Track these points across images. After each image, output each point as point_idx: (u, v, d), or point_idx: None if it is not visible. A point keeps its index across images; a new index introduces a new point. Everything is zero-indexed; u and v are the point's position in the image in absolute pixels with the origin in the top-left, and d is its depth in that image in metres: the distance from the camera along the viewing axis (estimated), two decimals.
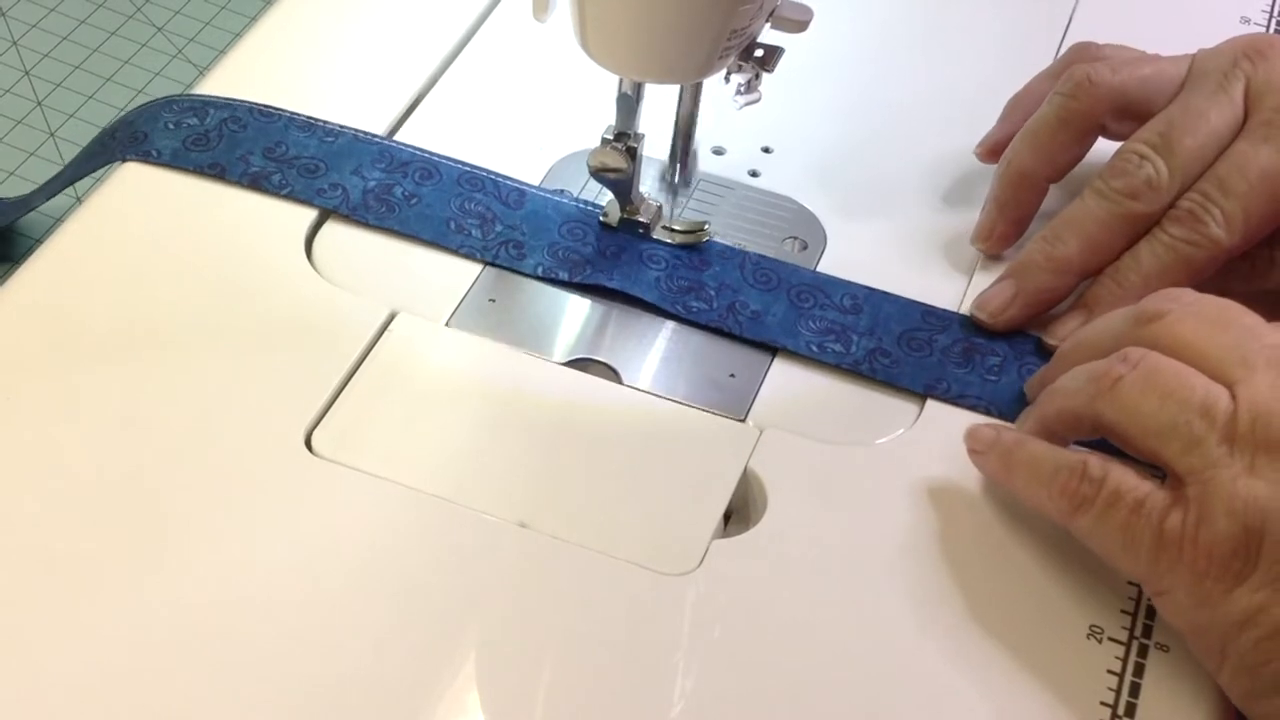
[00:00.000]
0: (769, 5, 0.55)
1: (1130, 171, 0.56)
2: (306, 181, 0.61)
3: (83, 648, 0.47)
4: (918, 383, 0.57)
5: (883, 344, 0.57)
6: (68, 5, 0.82)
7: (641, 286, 0.59)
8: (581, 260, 0.59)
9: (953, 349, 0.57)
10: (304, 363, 0.55)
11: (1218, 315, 0.49)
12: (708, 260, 0.60)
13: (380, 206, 0.60)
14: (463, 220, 0.60)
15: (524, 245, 0.60)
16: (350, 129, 0.63)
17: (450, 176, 0.62)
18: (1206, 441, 0.46)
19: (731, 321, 0.58)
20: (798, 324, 0.58)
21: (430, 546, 0.51)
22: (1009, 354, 0.57)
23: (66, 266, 0.58)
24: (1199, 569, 0.45)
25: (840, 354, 0.57)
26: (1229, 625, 0.45)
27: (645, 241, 0.60)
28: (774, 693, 0.48)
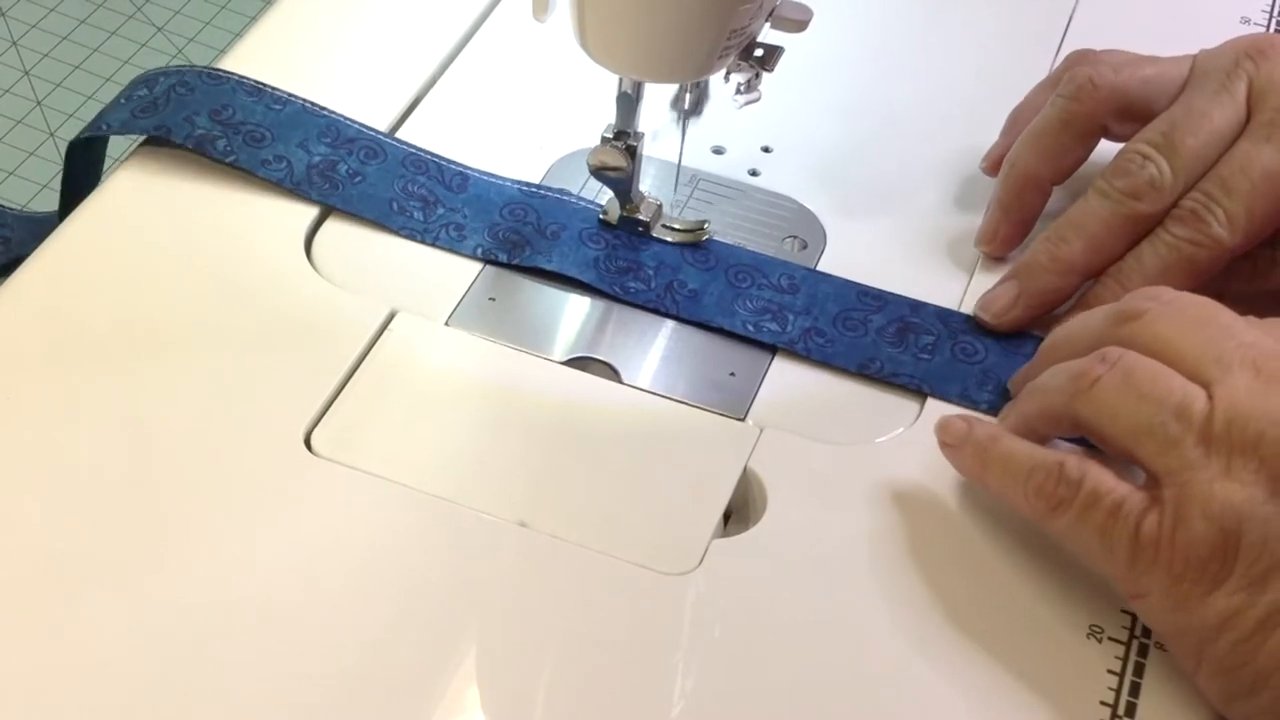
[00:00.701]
0: (769, 5, 0.55)
1: (1133, 172, 0.56)
2: (252, 151, 0.60)
3: (83, 647, 0.47)
4: (851, 362, 0.57)
5: (818, 324, 0.58)
6: (68, 5, 0.82)
7: (579, 267, 0.59)
8: (520, 241, 0.60)
9: (887, 329, 0.58)
10: (304, 362, 0.55)
11: (1196, 314, 0.49)
12: (647, 240, 0.60)
13: (324, 183, 0.60)
14: (405, 202, 0.60)
15: (464, 227, 0.60)
16: (299, 98, 0.63)
17: (395, 157, 0.62)
18: (1183, 443, 0.46)
19: (669, 301, 0.58)
20: (735, 303, 0.58)
21: (430, 546, 0.51)
22: (942, 333, 0.58)
23: (66, 266, 0.58)
24: (1176, 571, 0.45)
25: (776, 333, 0.58)
26: (1206, 628, 0.45)
27: (585, 223, 0.61)
28: (774, 692, 0.48)
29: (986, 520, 0.52)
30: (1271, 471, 0.44)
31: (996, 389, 0.56)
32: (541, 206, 0.61)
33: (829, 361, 0.57)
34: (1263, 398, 0.45)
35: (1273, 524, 0.44)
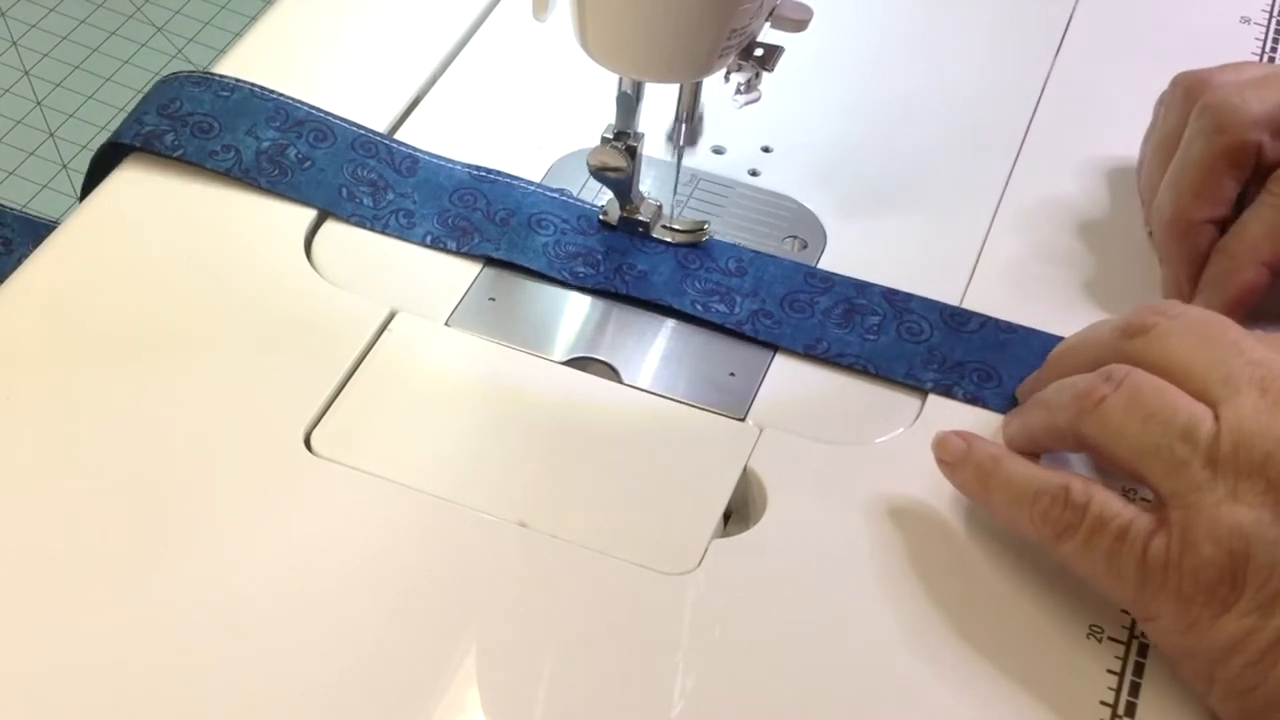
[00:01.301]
0: (769, 4, 0.55)
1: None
2: (199, 143, 0.60)
3: (83, 647, 0.47)
4: (798, 343, 0.57)
5: (766, 305, 0.58)
6: (68, 5, 0.82)
7: (528, 255, 0.59)
8: (470, 228, 0.60)
9: (834, 310, 0.58)
10: (304, 362, 0.55)
11: (1204, 330, 0.48)
12: (596, 225, 0.61)
13: (273, 169, 0.60)
14: (355, 188, 0.60)
15: (414, 214, 0.60)
16: (247, 84, 0.62)
17: (345, 139, 0.62)
18: (1190, 465, 0.45)
19: (618, 282, 0.59)
20: (684, 284, 0.59)
21: (430, 546, 0.51)
22: (888, 313, 0.58)
23: (67, 266, 0.58)
24: (1185, 595, 0.45)
25: (724, 314, 0.58)
26: (1216, 651, 0.45)
27: (534, 208, 0.61)
28: (773, 692, 0.48)
29: (986, 520, 0.52)
30: (1279, 494, 0.44)
31: (942, 367, 0.57)
32: (491, 192, 0.61)
33: (777, 343, 0.58)
34: (1269, 419, 0.45)
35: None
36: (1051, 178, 0.65)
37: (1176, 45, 0.71)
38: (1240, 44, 0.71)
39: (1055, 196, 0.64)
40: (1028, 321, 0.58)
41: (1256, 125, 0.56)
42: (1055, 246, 0.62)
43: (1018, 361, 0.57)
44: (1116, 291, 0.61)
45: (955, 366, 0.57)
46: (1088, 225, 0.63)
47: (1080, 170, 0.65)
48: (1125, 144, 0.64)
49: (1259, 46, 0.71)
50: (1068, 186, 0.65)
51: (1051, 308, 0.60)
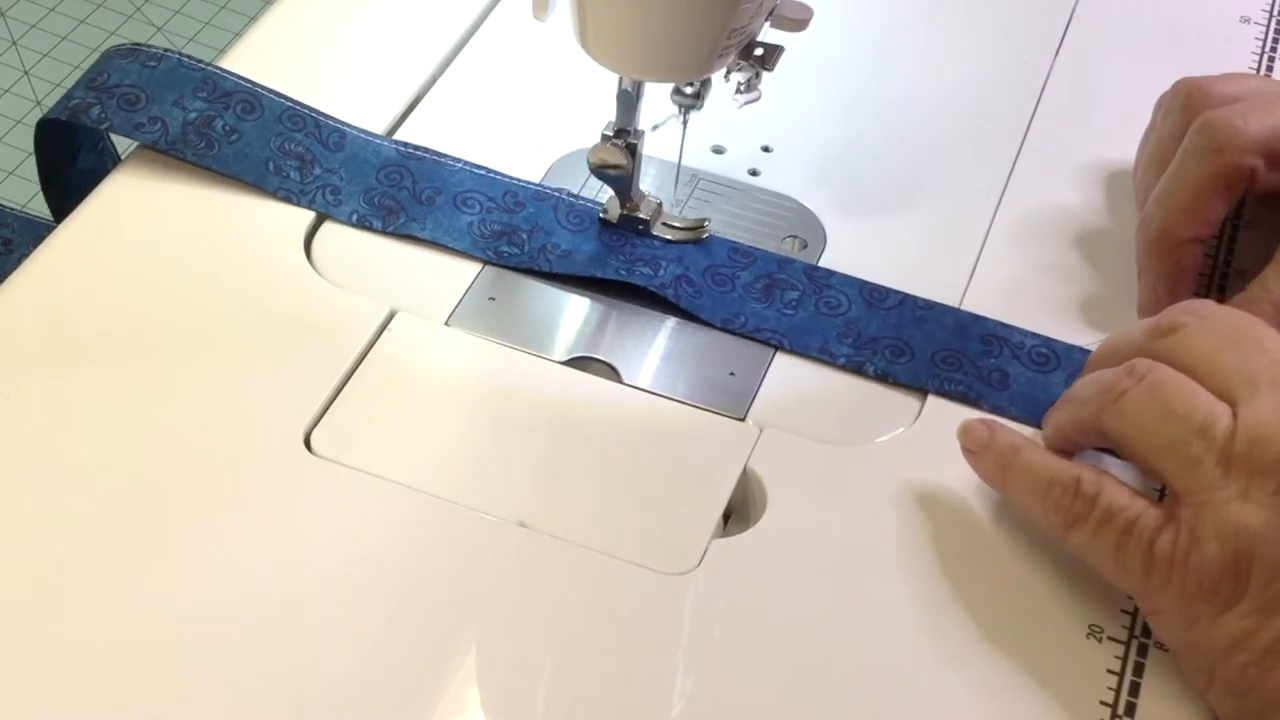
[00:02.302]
0: (769, 4, 0.55)
1: None
2: (126, 115, 0.60)
3: (83, 647, 0.47)
4: (716, 316, 0.58)
5: (689, 273, 0.59)
6: (68, 5, 0.82)
7: (453, 235, 0.60)
8: (396, 207, 0.60)
9: (754, 285, 0.59)
10: (304, 363, 0.55)
11: (1231, 329, 0.48)
12: (522, 202, 0.61)
13: (200, 141, 0.60)
14: (281, 162, 0.60)
15: (341, 190, 0.60)
16: (175, 54, 0.62)
17: (273, 112, 0.62)
18: (1204, 463, 0.45)
19: (542, 261, 0.59)
20: (607, 257, 0.59)
21: (430, 546, 0.51)
22: (808, 288, 0.59)
23: (66, 266, 0.58)
24: (1189, 591, 0.45)
25: (649, 276, 0.59)
26: (1217, 649, 0.45)
27: (460, 186, 0.61)
28: (773, 692, 0.48)
29: (986, 520, 0.52)
30: None
31: (856, 342, 0.57)
32: (418, 169, 0.61)
33: (696, 314, 0.58)
34: None
35: None
36: (1051, 177, 0.65)
37: (1176, 45, 0.71)
38: (1240, 44, 0.71)
39: (1055, 196, 0.64)
40: (1028, 323, 0.58)
41: (1253, 150, 0.56)
42: (1055, 246, 0.62)
43: (931, 338, 0.57)
44: (1116, 291, 0.61)
45: (869, 341, 0.57)
46: (1087, 225, 0.63)
47: (1080, 170, 0.65)
48: (1125, 144, 0.64)
49: (1259, 46, 0.71)
50: (1067, 186, 0.65)
51: (1052, 307, 0.60)
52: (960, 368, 0.57)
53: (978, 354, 0.57)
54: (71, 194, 0.66)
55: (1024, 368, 0.57)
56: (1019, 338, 0.58)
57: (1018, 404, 0.56)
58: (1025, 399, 0.56)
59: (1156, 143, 0.60)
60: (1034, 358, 0.57)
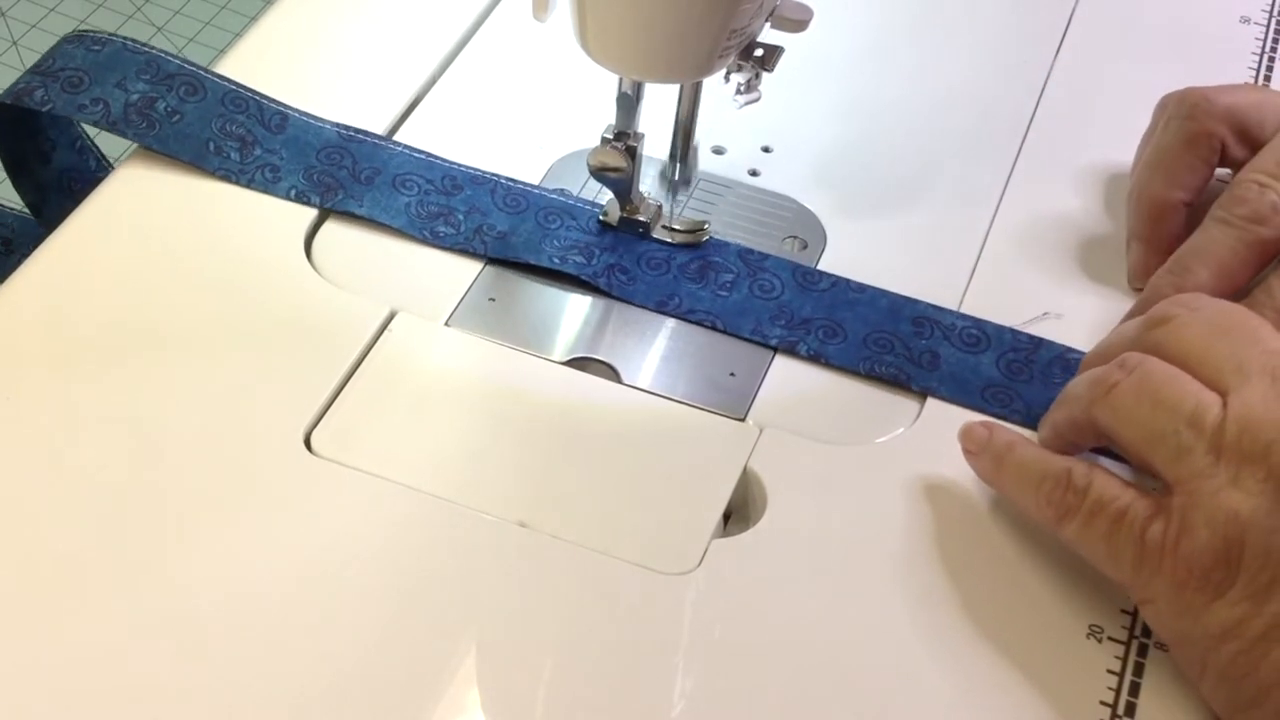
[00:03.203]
0: (769, 5, 0.55)
1: (1252, 199, 0.56)
2: (69, 97, 0.60)
3: (83, 647, 0.47)
4: (651, 299, 0.58)
5: (623, 261, 0.59)
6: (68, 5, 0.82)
7: (390, 214, 0.60)
8: (334, 185, 0.60)
9: (689, 266, 0.59)
10: (304, 363, 0.55)
11: (1222, 320, 0.48)
12: (460, 185, 0.61)
13: (141, 122, 0.60)
14: (222, 142, 0.61)
15: (280, 169, 0.61)
16: (120, 38, 0.62)
17: (216, 94, 0.62)
18: (1194, 451, 0.46)
19: (477, 243, 0.59)
20: (543, 242, 0.60)
21: (430, 546, 0.51)
22: (742, 271, 0.59)
23: (66, 266, 0.58)
24: (1179, 579, 0.45)
25: (581, 265, 0.59)
26: (1209, 637, 0.45)
27: (402, 168, 0.61)
28: (773, 692, 0.48)
29: (986, 521, 0.52)
30: (1279, 482, 0.44)
31: (789, 324, 0.58)
32: (358, 151, 0.62)
33: (629, 300, 0.58)
34: (1276, 407, 0.45)
35: (1277, 535, 0.44)
36: (1051, 178, 0.65)
37: (1176, 45, 0.71)
38: (1240, 44, 0.71)
39: (1055, 196, 0.64)
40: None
41: (1221, 119, 0.59)
42: (1055, 247, 0.62)
43: (863, 320, 0.58)
44: (1116, 291, 0.61)
45: (802, 323, 0.58)
46: (1087, 225, 0.63)
47: (1080, 170, 0.65)
48: (1125, 144, 0.64)
49: (1259, 46, 0.71)
50: (1067, 187, 0.65)
51: (1051, 307, 0.59)
52: (892, 349, 0.57)
53: (909, 335, 0.58)
54: (51, 192, 0.67)
55: (954, 349, 0.57)
56: (950, 319, 0.58)
57: (947, 384, 0.56)
58: (955, 379, 0.56)
59: (1156, 148, 0.61)
60: (964, 339, 0.58)
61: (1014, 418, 0.55)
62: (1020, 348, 0.57)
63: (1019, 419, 0.55)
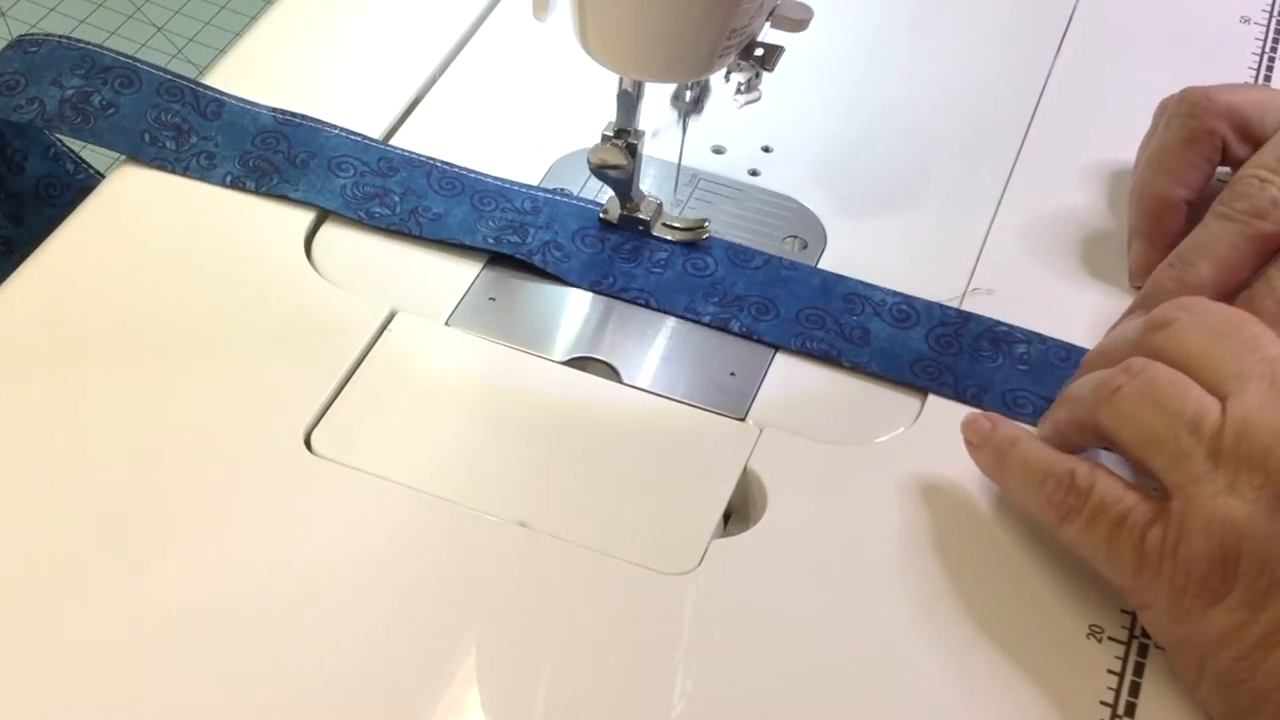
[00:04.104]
0: (769, 4, 0.55)
1: (1253, 194, 0.57)
2: (4, 100, 0.60)
3: (83, 647, 0.47)
4: (585, 279, 0.59)
5: (558, 238, 0.60)
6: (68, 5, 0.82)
7: (326, 196, 0.60)
8: (270, 169, 0.61)
9: (623, 246, 0.60)
10: (304, 363, 0.55)
11: (1222, 325, 0.48)
12: (395, 168, 0.61)
13: (76, 117, 0.60)
14: (158, 133, 0.61)
15: (215, 155, 0.61)
16: (56, 37, 0.63)
17: (151, 85, 0.62)
18: (1193, 456, 0.46)
19: (412, 224, 0.60)
20: (478, 224, 0.60)
21: (430, 546, 0.51)
22: (676, 250, 0.60)
23: (66, 267, 0.58)
24: (1178, 585, 0.45)
25: (516, 244, 0.59)
26: (1207, 643, 0.45)
27: (335, 151, 0.61)
28: (773, 692, 0.48)
29: (986, 521, 0.52)
30: (1277, 488, 0.44)
31: (722, 301, 0.58)
32: (294, 135, 0.62)
33: (564, 278, 0.59)
34: (1274, 413, 0.45)
35: (1274, 541, 0.44)
36: (1051, 178, 0.65)
37: (1176, 45, 0.71)
38: (1240, 44, 0.71)
39: (1055, 196, 0.64)
40: (1028, 323, 0.58)
41: (1222, 116, 0.59)
42: (1055, 247, 0.62)
43: (795, 297, 0.59)
44: (1116, 291, 0.61)
45: (735, 300, 0.58)
46: (1088, 225, 0.63)
47: (1080, 170, 0.65)
48: (1125, 144, 0.64)
49: (1259, 46, 0.71)
50: (1068, 186, 0.65)
51: (1052, 308, 0.60)
52: (823, 325, 0.58)
53: (840, 312, 0.58)
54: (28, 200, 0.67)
55: (884, 324, 0.58)
56: (880, 295, 0.59)
57: (877, 360, 0.57)
58: (885, 355, 0.57)
59: (1157, 146, 0.61)
60: (894, 314, 0.58)
61: (944, 390, 0.56)
62: (949, 322, 0.58)
63: (948, 392, 0.56)
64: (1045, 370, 0.57)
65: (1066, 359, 0.57)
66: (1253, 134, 0.59)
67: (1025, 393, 0.56)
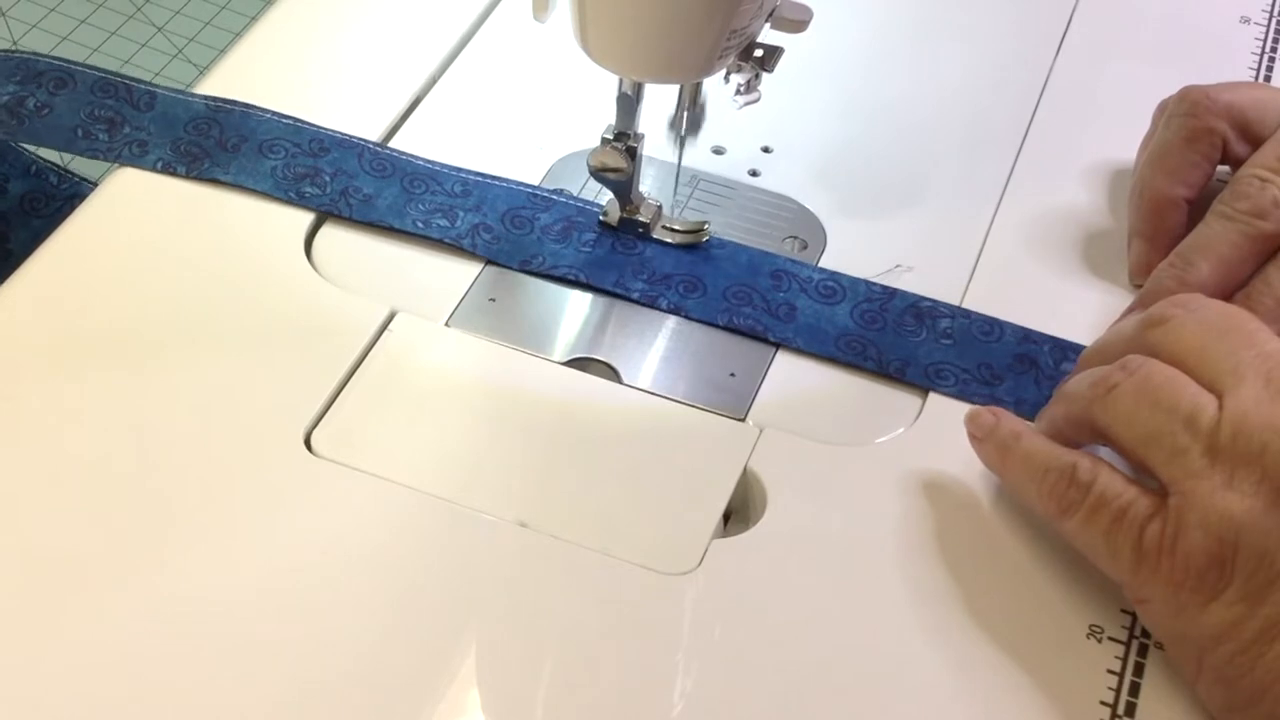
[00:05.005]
0: (768, 5, 0.55)
1: (1253, 194, 0.57)
2: None
3: (82, 647, 0.47)
4: (514, 259, 0.59)
5: (487, 220, 0.60)
6: (68, 5, 0.82)
7: (256, 178, 0.61)
8: (200, 154, 0.61)
9: (553, 227, 0.60)
10: (304, 363, 0.55)
11: (1219, 322, 0.49)
12: (326, 148, 0.62)
13: (11, 120, 0.61)
14: (91, 127, 0.62)
15: (147, 144, 0.61)
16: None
17: (85, 84, 0.63)
18: (1190, 452, 0.46)
19: (343, 205, 0.60)
20: (407, 206, 0.60)
21: (430, 546, 0.51)
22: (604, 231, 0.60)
23: (66, 267, 0.58)
24: (1176, 580, 0.46)
25: (445, 228, 0.60)
26: (1205, 638, 0.46)
27: (269, 134, 0.62)
28: (773, 692, 0.48)
29: (986, 521, 0.52)
30: (1273, 483, 0.44)
31: (651, 279, 0.59)
32: (226, 121, 0.62)
33: (494, 259, 0.59)
34: (1270, 409, 0.45)
35: (1271, 537, 0.44)
36: (1052, 178, 0.65)
37: (1176, 45, 0.71)
38: (1240, 44, 0.71)
39: (1055, 196, 0.64)
40: (1029, 322, 0.58)
41: (1222, 115, 0.60)
42: (1055, 246, 0.62)
43: (723, 274, 0.59)
44: (1117, 288, 0.61)
45: (664, 278, 0.59)
46: (1088, 225, 0.63)
47: (1080, 170, 0.65)
48: (1125, 144, 0.65)
49: (1259, 46, 0.71)
50: (1068, 186, 0.65)
51: (1052, 307, 0.60)
52: (750, 301, 0.58)
53: (768, 289, 0.59)
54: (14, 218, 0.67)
55: (811, 300, 0.58)
56: (807, 272, 0.60)
57: (803, 335, 0.58)
58: (810, 330, 0.58)
59: (1157, 145, 0.61)
60: (820, 290, 0.59)
61: (868, 365, 0.56)
62: (875, 298, 0.59)
63: (872, 366, 0.56)
64: (969, 344, 0.57)
65: (990, 333, 0.58)
66: (1252, 132, 0.59)
67: (948, 366, 0.57)
